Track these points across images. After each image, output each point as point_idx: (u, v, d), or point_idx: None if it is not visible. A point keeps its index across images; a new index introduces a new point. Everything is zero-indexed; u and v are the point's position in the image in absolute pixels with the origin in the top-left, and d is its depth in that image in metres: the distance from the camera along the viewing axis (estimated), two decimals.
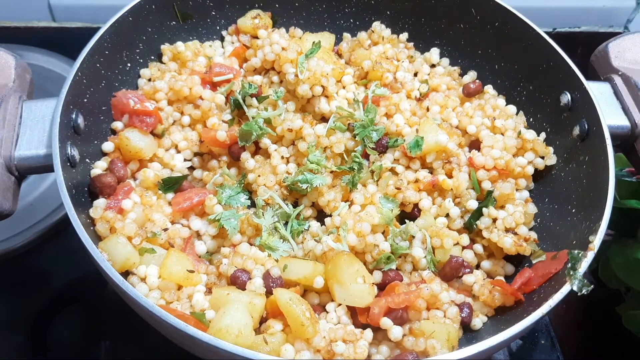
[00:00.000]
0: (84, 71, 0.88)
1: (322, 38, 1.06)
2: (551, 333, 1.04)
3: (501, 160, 0.92)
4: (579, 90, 0.91)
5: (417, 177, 0.94)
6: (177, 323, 0.65)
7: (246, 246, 0.88)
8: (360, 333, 0.77)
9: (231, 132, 0.96)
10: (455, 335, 0.78)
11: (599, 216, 0.79)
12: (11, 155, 0.80)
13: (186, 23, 1.08)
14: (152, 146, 0.95)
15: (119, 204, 0.85)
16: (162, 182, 0.93)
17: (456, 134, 0.97)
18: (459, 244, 0.89)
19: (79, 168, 0.86)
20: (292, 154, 0.98)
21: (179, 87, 0.96)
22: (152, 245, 0.84)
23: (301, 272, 0.81)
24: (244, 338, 0.72)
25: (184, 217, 0.92)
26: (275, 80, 1.04)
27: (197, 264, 0.87)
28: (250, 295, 0.79)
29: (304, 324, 0.73)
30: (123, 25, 0.96)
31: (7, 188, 0.79)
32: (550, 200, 0.94)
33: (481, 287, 0.84)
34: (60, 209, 1.12)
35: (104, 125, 0.96)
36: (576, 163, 0.91)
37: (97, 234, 0.83)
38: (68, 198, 0.75)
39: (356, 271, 0.78)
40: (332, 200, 0.92)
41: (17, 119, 0.83)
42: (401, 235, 0.88)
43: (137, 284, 0.81)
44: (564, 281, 0.75)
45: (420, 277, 0.85)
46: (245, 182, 0.96)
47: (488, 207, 0.89)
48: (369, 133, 0.96)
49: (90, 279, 0.99)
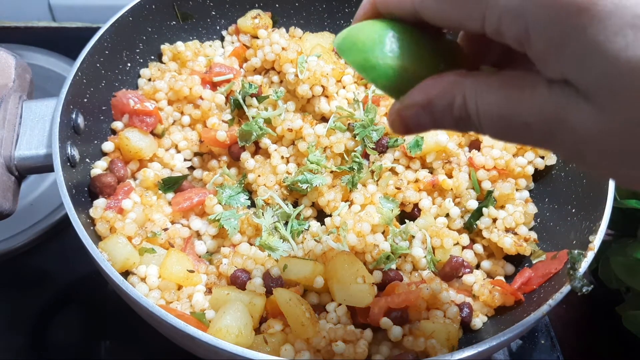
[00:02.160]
0: (84, 71, 0.88)
1: (322, 38, 1.06)
2: (551, 333, 1.04)
3: (501, 160, 0.92)
4: None
5: (417, 177, 0.94)
6: (177, 323, 0.65)
7: (246, 246, 0.88)
8: (360, 333, 0.77)
9: (231, 132, 0.96)
10: (455, 335, 0.78)
11: (599, 216, 0.79)
12: (11, 155, 0.80)
13: (186, 23, 1.08)
14: (152, 146, 0.95)
15: (119, 204, 0.85)
16: (162, 182, 0.93)
17: (456, 134, 0.97)
18: (459, 244, 0.89)
19: (79, 168, 0.86)
20: (292, 154, 0.99)
21: (179, 87, 0.96)
22: (152, 245, 0.85)
23: (301, 272, 0.81)
24: (244, 338, 0.72)
25: (184, 217, 0.92)
26: (275, 80, 1.04)
27: (197, 264, 0.87)
28: (250, 295, 0.79)
29: (304, 324, 0.73)
30: (123, 25, 0.96)
31: (7, 188, 0.79)
32: (550, 200, 0.94)
33: (481, 287, 0.84)
34: (60, 209, 1.11)
35: (104, 125, 0.96)
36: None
37: (97, 234, 0.83)
38: (68, 198, 0.75)
39: (356, 271, 0.78)
40: (332, 200, 0.92)
41: (17, 119, 0.83)
42: (401, 235, 0.88)
43: (137, 284, 0.81)
44: (564, 281, 0.75)
45: (420, 277, 0.85)
46: (245, 182, 0.96)
47: (488, 207, 0.89)
48: (369, 133, 0.96)
49: (90, 279, 0.99)
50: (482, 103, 0.43)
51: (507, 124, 0.43)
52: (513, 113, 0.42)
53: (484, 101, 0.43)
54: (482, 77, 0.44)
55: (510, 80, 0.43)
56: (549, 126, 0.41)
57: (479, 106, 0.44)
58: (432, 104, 0.46)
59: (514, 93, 0.42)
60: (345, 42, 0.50)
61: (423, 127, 0.49)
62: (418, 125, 0.48)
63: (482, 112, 0.44)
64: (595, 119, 0.39)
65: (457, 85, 0.45)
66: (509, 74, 0.44)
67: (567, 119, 0.40)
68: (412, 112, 0.48)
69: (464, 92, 0.44)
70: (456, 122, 0.46)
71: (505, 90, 0.43)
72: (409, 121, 0.48)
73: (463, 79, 0.45)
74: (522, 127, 0.42)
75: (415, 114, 0.47)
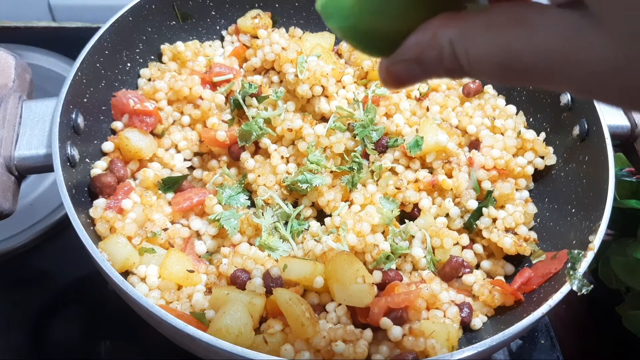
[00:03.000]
0: (84, 71, 0.88)
1: (322, 38, 1.06)
2: (551, 333, 1.04)
3: (501, 160, 0.92)
4: None
5: (417, 177, 0.94)
6: (177, 323, 0.65)
7: (246, 246, 0.89)
8: (360, 333, 0.77)
9: (231, 132, 0.96)
10: (455, 335, 0.78)
11: (598, 216, 0.79)
12: (11, 155, 0.80)
13: (186, 23, 1.08)
14: (152, 146, 0.95)
15: (119, 204, 0.85)
16: (162, 182, 0.93)
17: (456, 134, 0.97)
18: (458, 244, 0.89)
19: (79, 168, 0.86)
20: (292, 154, 0.98)
21: (179, 87, 0.96)
22: (152, 245, 0.85)
23: (301, 272, 0.81)
24: (244, 338, 0.72)
25: (184, 217, 0.92)
26: (275, 80, 1.04)
27: (197, 264, 0.87)
28: (250, 295, 0.79)
29: (303, 324, 0.73)
30: (123, 25, 0.96)
31: (7, 188, 0.79)
32: (550, 200, 0.94)
33: (481, 287, 0.84)
34: (60, 209, 1.11)
35: (104, 125, 0.96)
36: (576, 163, 0.91)
37: (97, 234, 0.83)
38: (68, 198, 0.75)
39: (356, 271, 0.78)
40: (332, 200, 0.92)
41: (17, 119, 0.83)
42: (401, 235, 0.88)
43: (137, 284, 0.81)
44: (564, 281, 0.75)
45: (420, 277, 0.85)
46: (245, 182, 0.96)
47: (488, 207, 0.89)
48: (369, 133, 0.96)
49: (90, 279, 0.99)
50: (473, 49, 0.38)
51: (505, 70, 0.38)
52: (511, 57, 0.37)
53: (474, 47, 0.38)
54: (468, 19, 0.39)
55: (502, 17, 0.38)
56: (557, 64, 0.36)
57: (469, 53, 0.39)
58: (422, 57, 0.42)
59: (509, 32, 0.37)
60: (329, 2, 0.45)
61: (415, 80, 0.45)
62: (410, 78, 0.45)
63: (474, 59, 0.39)
64: (610, 47, 0.33)
65: (442, 33, 0.40)
66: (498, 10, 0.38)
67: (578, 52, 0.35)
68: (403, 66, 0.44)
69: (451, 39, 0.39)
70: (449, 73, 0.42)
71: (497, 31, 0.37)
72: (400, 75, 0.45)
73: (448, 23, 0.40)
74: (525, 69, 0.37)
75: (406, 68, 0.44)
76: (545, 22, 0.36)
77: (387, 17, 0.44)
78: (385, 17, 0.44)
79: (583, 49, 0.34)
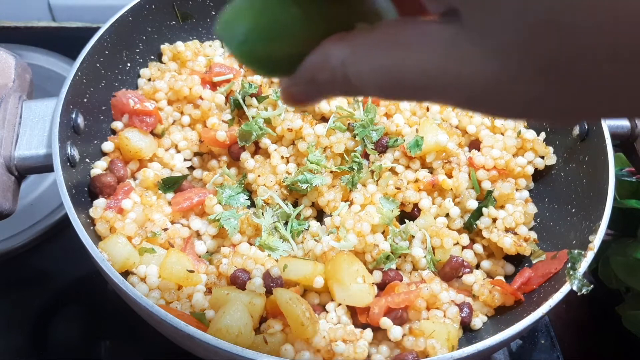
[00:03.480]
0: (84, 71, 0.88)
1: None
2: (551, 333, 1.04)
3: (501, 160, 0.92)
4: None
5: (417, 177, 0.94)
6: (177, 323, 0.65)
7: (246, 246, 0.88)
8: (360, 333, 0.77)
9: (231, 132, 0.96)
10: (455, 335, 0.78)
11: (598, 216, 0.79)
12: (11, 155, 0.80)
13: (186, 23, 1.08)
14: (152, 146, 0.95)
15: (119, 204, 0.85)
16: (162, 182, 0.93)
17: (456, 134, 0.97)
18: (459, 243, 0.89)
19: (79, 168, 0.86)
20: (292, 154, 0.98)
21: (179, 87, 0.96)
22: (152, 245, 0.85)
23: (301, 272, 0.81)
24: (244, 338, 0.72)
25: (184, 217, 0.92)
26: (275, 80, 1.04)
27: (197, 264, 0.87)
28: (250, 295, 0.79)
29: (304, 324, 0.73)
30: (123, 25, 0.96)
31: (7, 188, 0.79)
32: (550, 200, 0.94)
33: (481, 287, 0.84)
34: (60, 209, 1.11)
35: (104, 125, 0.96)
36: (576, 163, 0.91)
37: (97, 234, 0.83)
38: (68, 198, 0.75)
39: (356, 271, 0.78)
40: (332, 200, 0.92)
41: (17, 119, 0.83)
42: (401, 235, 0.88)
43: (137, 284, 0.81)
44: (564, 281, 0.75)
45: (420, 277, 0.85)
46: (245, 182, 0.96)
47: (488, 207, 0.89)
48: (369, 133, 0.96)
49: (90, 279, 0.99)
50: (363, 69, 0.37)
51: (393, 90, 0.37)
52: (395, 77, 0.36)
53: (363, 67, 0.37)
54: (356, 39, 0.38)
55: (383, 37, 0.37)
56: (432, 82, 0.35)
57: (361, 73, 0.38)
58: (316, 79, 0.41)
59: (389, 54, 0.36)
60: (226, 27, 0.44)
61: (313, 100, 0.45)
62: (307, 99, 0.45)
63: (365, 79, 0.38)
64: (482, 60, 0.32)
65: (333, 54, 0.39)
66: (382, 30, 0.37)
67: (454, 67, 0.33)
68: (300, 88, 0.44)
69: (342, 60, 0.38)
70: (344, 92, 0.42)
71: (380, 53, 0.36)
72: (298, 96, 0.45)
73: (338, 44, 0.39)
74: (409, 88, 0.36)
75: (304, 90, 0.44)
76: (420, 41, 0.35)
77: (283, 42, 0.43)
78: (280, 42, 0.43)
79: (458, 64, 0.33)
